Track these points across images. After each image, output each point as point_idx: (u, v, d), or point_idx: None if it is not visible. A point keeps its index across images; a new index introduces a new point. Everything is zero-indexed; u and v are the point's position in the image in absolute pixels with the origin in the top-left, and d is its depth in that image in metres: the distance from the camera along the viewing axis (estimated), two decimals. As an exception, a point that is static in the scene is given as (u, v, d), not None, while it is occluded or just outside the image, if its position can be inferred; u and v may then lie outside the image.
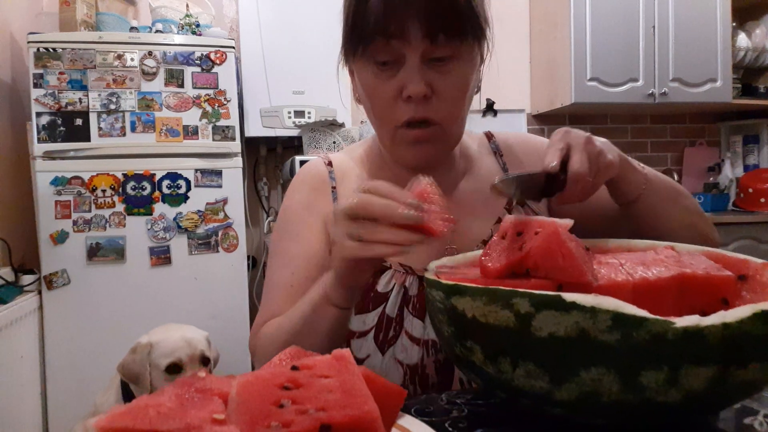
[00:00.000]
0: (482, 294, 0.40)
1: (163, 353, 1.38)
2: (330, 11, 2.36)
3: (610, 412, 0.39)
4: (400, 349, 0.68)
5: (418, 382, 0.68)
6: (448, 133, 0.68)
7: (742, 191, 2.78)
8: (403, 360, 0.68)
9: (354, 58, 0.66)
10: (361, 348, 0.69)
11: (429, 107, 0.63)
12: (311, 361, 0.36)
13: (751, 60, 2.85)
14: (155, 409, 0.28)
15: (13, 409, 1.67)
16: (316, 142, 2.25)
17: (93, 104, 1.88)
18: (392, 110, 0.65)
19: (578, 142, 0.57)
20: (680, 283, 0.44)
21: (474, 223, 0.74)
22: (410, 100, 0.62)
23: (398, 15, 0.59)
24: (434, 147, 0.68)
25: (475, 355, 0.42)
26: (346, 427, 0.31)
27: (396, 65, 0.62)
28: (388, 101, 0.64)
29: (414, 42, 0.60)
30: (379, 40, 0.61)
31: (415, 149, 0.67)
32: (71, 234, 1.86)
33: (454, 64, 0.63)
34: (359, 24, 0.62)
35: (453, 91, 0.64)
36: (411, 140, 0.66)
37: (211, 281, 1.96)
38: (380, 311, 0.69)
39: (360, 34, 0.62)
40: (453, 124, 0.67)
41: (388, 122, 0.66)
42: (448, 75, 0.63)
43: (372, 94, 0.66)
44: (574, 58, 2.49)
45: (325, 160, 0.79)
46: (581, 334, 0.36)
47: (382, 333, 0.69)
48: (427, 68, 0.62)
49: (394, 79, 0.63)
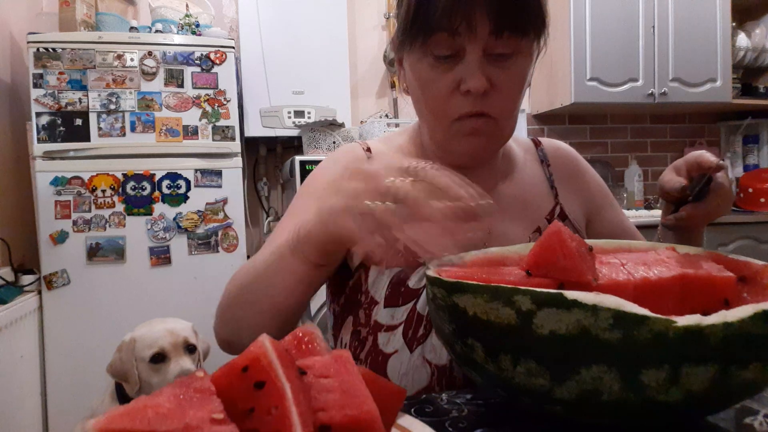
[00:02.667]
0: (483, 291, 0.40)
1: (146, 345, 1.38)
2: (330, 11, 2.37)
3: (611, 411, 0.39)
4: (430, 348, 0.66)
5: (444, 384, 0.66)
6: (502, 128, 0.67)
7: (742, 191, 2.78)
8: (432, 360, 0.66)
9: (411, 49, 0.64)
10: (389, 342, 0.68)
11: (486, 102, 0.63)
12: (311, 361, 0.36)
13: (750, 60, 2.85)
14: (153, 410, 0.28)
15: (13, 409, 1.67)
16: (316, 142, 2.25)
17: (93, 104, 1.88)
18: (449, 103, 0.64)
19: (724, 168, 0.58)
20: (681, 283, 0.44)
21: (510, 229, 0.72)
22: (469, 94, 0.62)
23: (466, 10, 0.58)
24: (488, 141, 0.67)
25: (475, 352, 0.42)
26: (346, 427, 0.31)
27: (455, 58, 0.62)
28: (445, 94, 0.64)
29: (478, 37, 0.60)
30: (443, 33, 0.60)
31: (469, 141, 0.66)
32: (71, 234, 1.86)
33: (515, 60, 0.62)
34: (423, 16, 0.61)
35: (511, 87, 0.64)
36: (467, 132, 0.65)
37: (211, 281, 1.96)
38: (410, 307, 0.67)
39: (423, 26, 0.61)
40: (508, 119, 0.67)
41: (443, 115, 0.66)
42: (507, 70, 0.62)
43: (427, 87, 0.65)
44: (573, 58, 2.49)
45: (364, 147, 0.78)
46: (582, 332, 0.36)
47: (411, 330, 0.67)
48: (486, 63, 0.61)
49: (451, 72, 0.62)
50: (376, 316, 0.69)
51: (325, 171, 0.76)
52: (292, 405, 0.29)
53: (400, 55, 0.69)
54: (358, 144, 0.78)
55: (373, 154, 0.76)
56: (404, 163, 0.46)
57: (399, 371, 0.67)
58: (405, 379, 0.66)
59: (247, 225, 2.12)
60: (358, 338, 0.71)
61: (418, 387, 0.66)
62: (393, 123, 2.34)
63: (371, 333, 0.69)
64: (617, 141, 3.00)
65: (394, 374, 0.67)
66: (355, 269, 0.71)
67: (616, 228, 0.81)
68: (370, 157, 0.76)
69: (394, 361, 0.67)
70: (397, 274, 0.68)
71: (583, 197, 0.80)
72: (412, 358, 0.66)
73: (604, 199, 0.83)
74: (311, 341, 0.39)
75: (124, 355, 1.39)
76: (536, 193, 0.77)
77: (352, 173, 0.47)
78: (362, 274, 0.71)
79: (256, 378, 0.31)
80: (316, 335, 0.40)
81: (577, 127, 2.95)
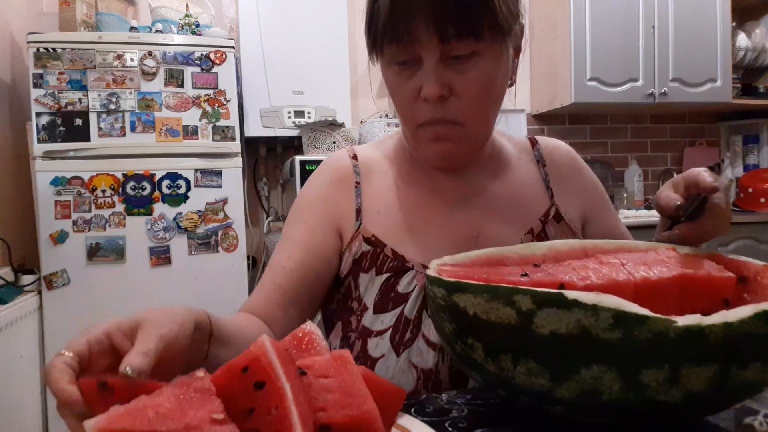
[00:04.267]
0: (484, 291, 0.40)
1: None
2: (330, 11, 2.37)
3: (611, 411, 0.39)
4: (416, 352, 0.66)
5: (431, 387, 0.66)
6: (472, 133, 0.67)
7: (742, 191, 2.78)
8: (418, 364, 0.66)
9: (377, 57, 0.66)
10: (377, 347, 0.68)
11: (447, 107, 0.63)
12: (311, 361, 0.36)
13: (750, 60, 2.85)
14: (154, 410, 0.28)
15: (13, 409, 1.67)
16: (316, 142, 2.25)
17: (93, 104, 1.88)
18: (412, 110, 0.65)
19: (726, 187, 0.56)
20: (682, 283, 0.44)
21: (501, 230, 0.72)
22: (427, 100, 0.62)
23: (404, 18, 0.59)
24: (456, 146, 0.67)
25: (476, 352, 0.42)
26: (346, 427, 0.31)
27: (415, 65, 0.63)
28: (408, 101, 0.64)
29: (425, 43, 0.60)
30: (392, 44, 0.62)
31: (435, 147, 0.67)
32: (71, 234, 1.85)
33: (474, 62, 0.62)
34: (372, 28, 0.63)
35: (473, 90, 0.63)
36: (431, 138, 0.66)
37: (211, 281, 1.96)
38: (399, 312, 0.68)
39: (374, 37, 0.63)
40: (476, 123, 0.66)
41: (409, 121, 0.67)
42: (467, 74, 0.62)
43: (394, 93, 0.66)
44: (573, 58, 2.49)
45: (350, 153, 0.78)
46: (582, 331, 0.36)
47: (398, 334, 0.67)
48: (445, 68, 0.61)
49: (413, 79, 0.63)
50: (364, 321, 0.69)
51: (311, 185, 0.77)
52: (292, 405, 0.29)
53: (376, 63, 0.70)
54: (345, 152, 0.78)
55: (360, 162, 0.76)
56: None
57: (386, 375, 0.67)
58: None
59: (247, 225, 2.12)
60: (348, 343, 0.71)
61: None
62: (393, 123, 2.34)
63: (359, 338, 0.69)
64: (617, 141, 3.00)
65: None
66: (344, 277, 0.72)
67: (612, 231, 0.80)
68: (356, 165, 0.76)
69: (381, 365, 0.67)
70: (386, 279, 0.69)
71: (580, 198, 0.79)
72: (399, 362, 0.67)
73: (601, 202, 0.82)
74: (311, 341, 0.39)
75: None
76: (530, 193, 0.76)
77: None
78: (351, 282, 0.72)
79: (256, 378, 0.31)
80: (316, 335, 0.40)
81: (577, 127, 2.95)
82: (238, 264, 2.00)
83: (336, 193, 0.74)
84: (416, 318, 0.67)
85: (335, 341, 0.74)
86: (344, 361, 0.36)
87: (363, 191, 0.74)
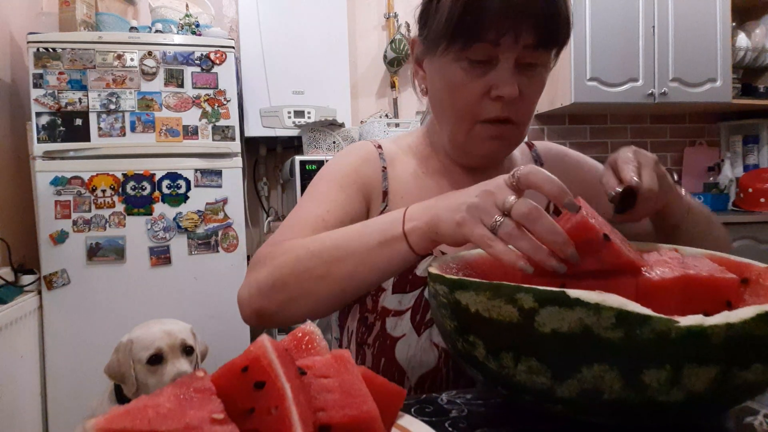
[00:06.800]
0: (486, 289, 0.40)
1: (143, 346, 1.38)
2: (330, 11, 2.37)
3: (611, 411, 0.39)
4: (436, 332, 0.69)
5: (451, 365, 0.69)
6: (522, 134, 0.71)
7: (742, 191, 2.78)
8: (439, 343, 0.69)
9: (445, 52, 0.65)
10: (396, 326, 0.70)
11: (513, 108, 0.66)
12: (311, 361, 0.36)
13: (750, 60, 2.85)
14: (154, 410, 0.28)
15: (13, 409, 1.67)
16: (316, 142, 2.25)
17: (93, 104, 1.88)
18: (477, 107, 0.66)
19: (648, 161, 0.59)
20: (684, 284, 0.44)
21: None
22: (499, 99, 0.64)
23: (514, 24, 0.61)
24: (506, 144, 0.71)
25: (477, 350, 0.42)
26: (346, 427, 0.31)
27: (488, 64, 0.64)
28: (475, 97, 0.65)
29: (509, 47, 0.62)
30: (486, 44, 0.62)
31: (490, 144, 0.69)
32: (71, 234, 1.85)
33: (540, 69, 0.66)
34: (468, 25, 0.62)
35: (533, 95, 0.67)
36: (490, 136, 0.68)
37: (211, 281, 1.96)
38: (417, 294, 0.70)
39: (466, 35, 0.63)
40: (526, 125, 0.70)
41: (469, 117, 0.68)
42: (533, 79, 0.66)
43: (456, 89, 0.66)
44: (573, 58, 2.49)
45: (374, 144, 0.80)
46: (584, 330, 0.36)
47: (418, 315, 0.70)
48: (517, 71, 0.64)
49: (484, 78, 0.64)
50: (383, 302, 0.71)
51: (342, 161, 0.77)
52: (292, 405, 0.29)
53: (423, 56, 0.71)
54: (369, 142, 0.80)
55: (384, 151, 0.78)
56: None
57: (407, 354, 0.69)
58: (413, 360, 0.69)
59: (247, 225, 2.12)
60: (365, 324, 0.73)
61: (426, 368, 0.69)
62: (393, 123, 2.34)
63: (379, 318, 0.71)
64: (617, 141, 3.00)
65: (402, 356, 0.69)
66: None
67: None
68: (381, 153, 0.77)
69: (401, 344, 0.69)
70: None
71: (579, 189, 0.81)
72: (420, 341, 0.69)
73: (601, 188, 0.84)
74: (311, 341, 0.39)
75: (121, 356, 1.39)
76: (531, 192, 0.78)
77: (475, 187, 0.51)
78: None
79: (256, 378, 0.31)
80: (316, 335, 0.40)
81: (577, 127, 2.95)
82: (238, 264, 2.00)
83: (368, 170, 0.75)
84: None
85: (352, 324, 0.75)
86: (344, 361, 0.36)
87: (389, 176, 0.76)
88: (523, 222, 0.45)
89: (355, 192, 0.72)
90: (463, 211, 0.48)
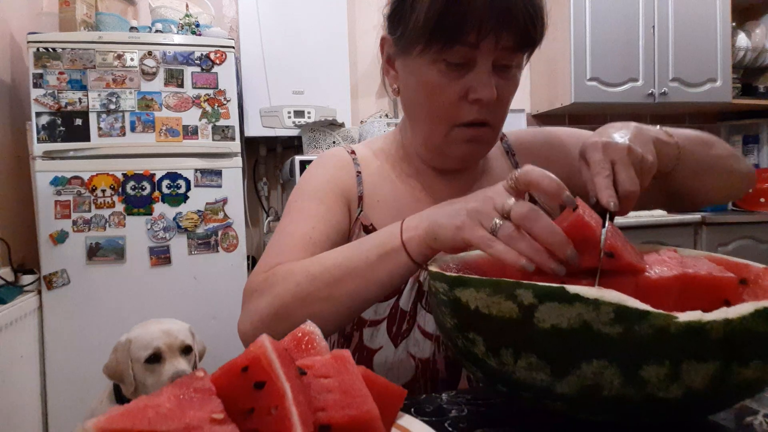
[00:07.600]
0: (486, 285, 0.40)
1: (141, 346, 1.38)
2: (330, 11, 2.37)
3: (611, 407, 0.39)
4: (413, 342, 0.69)
5: (428, 376, 0.69)
6: (496, 135, 0.70)
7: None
8: (416, 354, 0.69)
9: (422, 54, 0.63)
10: (373, 338, 0.70)
11: (490, 111, 0.65)
12: (311, 361, 0.36)
13: (750, 60, 2.85)
14: (154, 410, 0.28)
15: (13, 409, 1.67)
16: (316, 142, 2.25)
17: (93, 104, 1.88)
18: (454, 110, 0.65)
19: (622, 157, 0.53)
20: (682, 283, 0.44)
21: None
22: (477, 102, 0.63)
23: (495, 28, 0.60)
24: (483, 147, 0.71)
25: (477, 347, 0.42)
26: (346, 426, 0.31)
27: (466, 67, 0.63)
28: (452, 100, 0.64)
29: (486, 49, 0.61)
30: (464, 47, 0.61)
31: (466, 147, 0.68)
32: (71, 234, 1.85)
33: (514, 71, 0.66)
34: (447, 27, 0.60)
35: (510, 96, 0.67)
36: (467, 139, 0.67)
37: (211, 281, 1.96)
38: (393, 303, 0.70)
39: (445, 37, 0.61)
40: (501, 126, 0.70)
41: (446, 120, 0.67)
42: (509, 81, 0.65)
43: (433, 92, 0.65)
44: (573, 58, 2.49)
45: (347, 149, 0.79)
46: (584, 326, 0.36)
47: (395, 326, 0.70)
48: (494, 73, 0.63)
49: (461, 80, 0.63)
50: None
51: (317, 171, 0.77)
52: (292, 405, 0.29)
53: (396, 56, 0.69)
54: (341, 148, 0.80)
55: (358, 156, 0.78)
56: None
57: (385, 366, 0.69)
58: (391, 373, 0.69)
59: (247, 225, 2.12)
60: (343, 334, 0.73)
61: (404, 380, 0.69)
62: (393, 123, 2.34)
63: (356, 328, 0.71)
64: (617, 141, 3.00)
65: (380, 369, 0.70)
66: None
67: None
68: (355, 158, 0.77)
69: (379, 356, 0.70)
70: None
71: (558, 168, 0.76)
72: (397, 352, 0.69)
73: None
74: (311, 341, 0.39)
75: (119, 355, 1.39)
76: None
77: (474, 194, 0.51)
78: None
79: (256, 378, 0.31)
80: (315, 335, 0.40)
81: (576, 128, 2.94)
82: (238, 264, 2.00)
83: (343, 177, 0.75)
84: (412, 309, 0.70)
85: (333, 335, 0.75)
86: (344, 361, 0.36)
87: (363, 180, 0.75)
88: (522, 223, 0.45)
89: (335, 202, 0.72)
90: (463, 216, 0.49)
